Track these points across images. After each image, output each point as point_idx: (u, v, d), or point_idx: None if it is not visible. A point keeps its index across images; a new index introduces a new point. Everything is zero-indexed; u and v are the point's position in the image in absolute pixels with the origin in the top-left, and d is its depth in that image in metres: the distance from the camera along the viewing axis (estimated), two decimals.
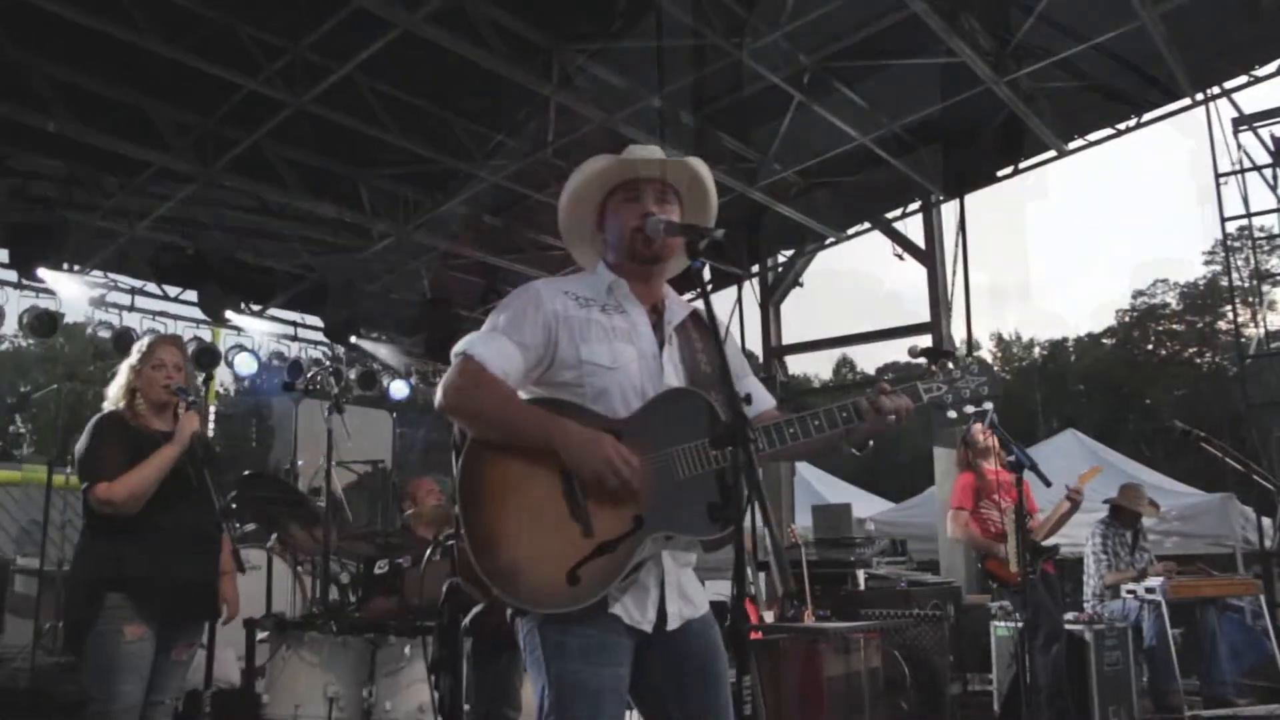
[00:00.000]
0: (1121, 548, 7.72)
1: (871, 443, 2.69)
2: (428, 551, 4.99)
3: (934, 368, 2.75)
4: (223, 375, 13.87)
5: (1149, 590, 7.34)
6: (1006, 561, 6.50)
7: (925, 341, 11.04)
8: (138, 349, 4.61)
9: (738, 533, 2.25)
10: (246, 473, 6.80)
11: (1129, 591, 7.47)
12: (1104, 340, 43.91)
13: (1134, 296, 41.49)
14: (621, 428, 2.54)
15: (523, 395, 2.66)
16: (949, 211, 11.24)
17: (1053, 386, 41.13)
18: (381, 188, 10.06)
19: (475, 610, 4.19)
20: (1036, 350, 48.27)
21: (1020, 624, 6.18)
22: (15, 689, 6.17)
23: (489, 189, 9.93)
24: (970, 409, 2.73)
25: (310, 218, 10.31)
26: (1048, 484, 5.65)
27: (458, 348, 2.61)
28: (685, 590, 2.65)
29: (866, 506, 15.58)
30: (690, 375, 2.72)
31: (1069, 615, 6.93)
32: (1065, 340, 47.17)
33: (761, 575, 7.02)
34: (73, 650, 4.36)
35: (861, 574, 8.56)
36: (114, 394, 4.49)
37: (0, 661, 6.43)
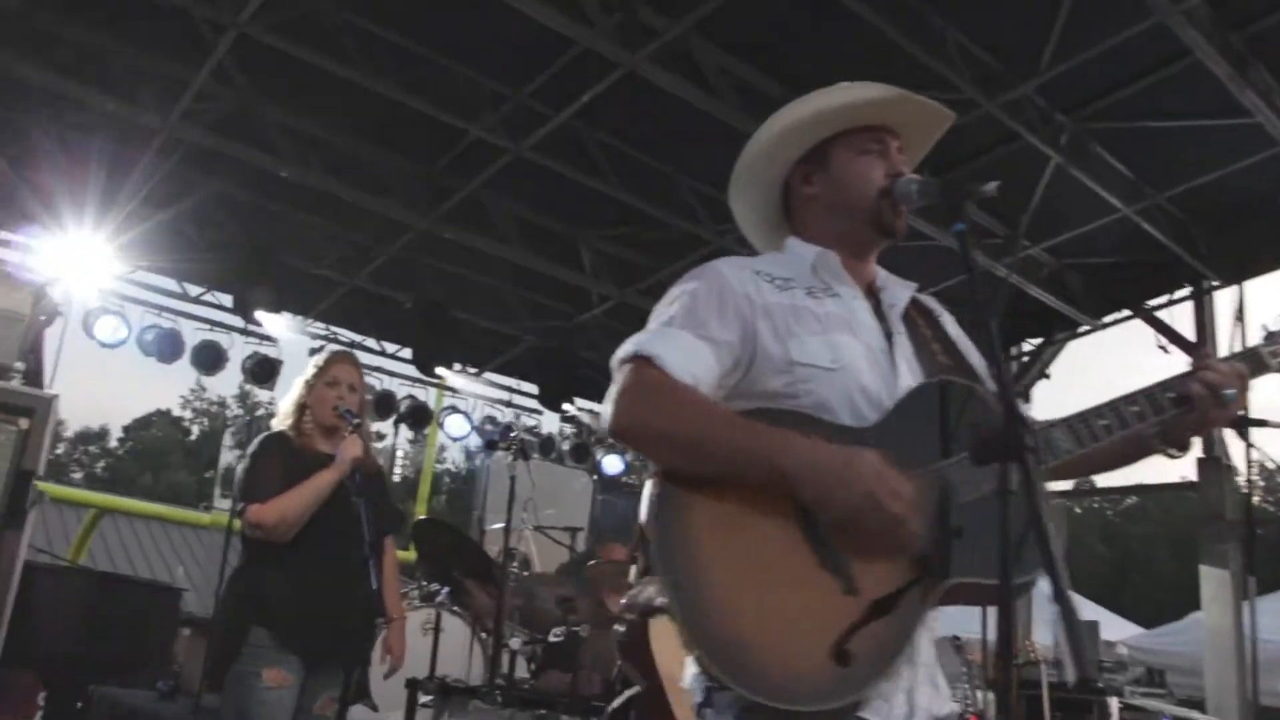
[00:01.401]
0: None
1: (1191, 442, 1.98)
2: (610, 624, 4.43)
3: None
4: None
5: None
6: None
7: (1189, 458, 9.85)
8: (313, 363, 4.33)
9: (1056, 578, 1.47)
10: (421, 517, 6.43)
11: None
12: None
13: None
14: (869, 439, 1.82)
15: None
16: (1224, 300, 10.01)
17: None
18: (602, 249, 9.73)
19: (629, 693, 3.46)
20: None
21: None
22: None
23: (716, 254, 9.45)
24: None
25: (529, 275, 10.06)
26: None
27: (623, 351, 1.93)
28: (935, 677, 1.92)
29: (1114, 629, 14.18)
30: (928, 374, 2.04)
31: None
32: None
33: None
34: (217, 689, 4.05)
35: (1114, 703, 7.49)
36: (284, 410, 4.21)
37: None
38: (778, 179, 2.23)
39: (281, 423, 4.16)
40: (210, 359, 9.87)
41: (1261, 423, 3.88)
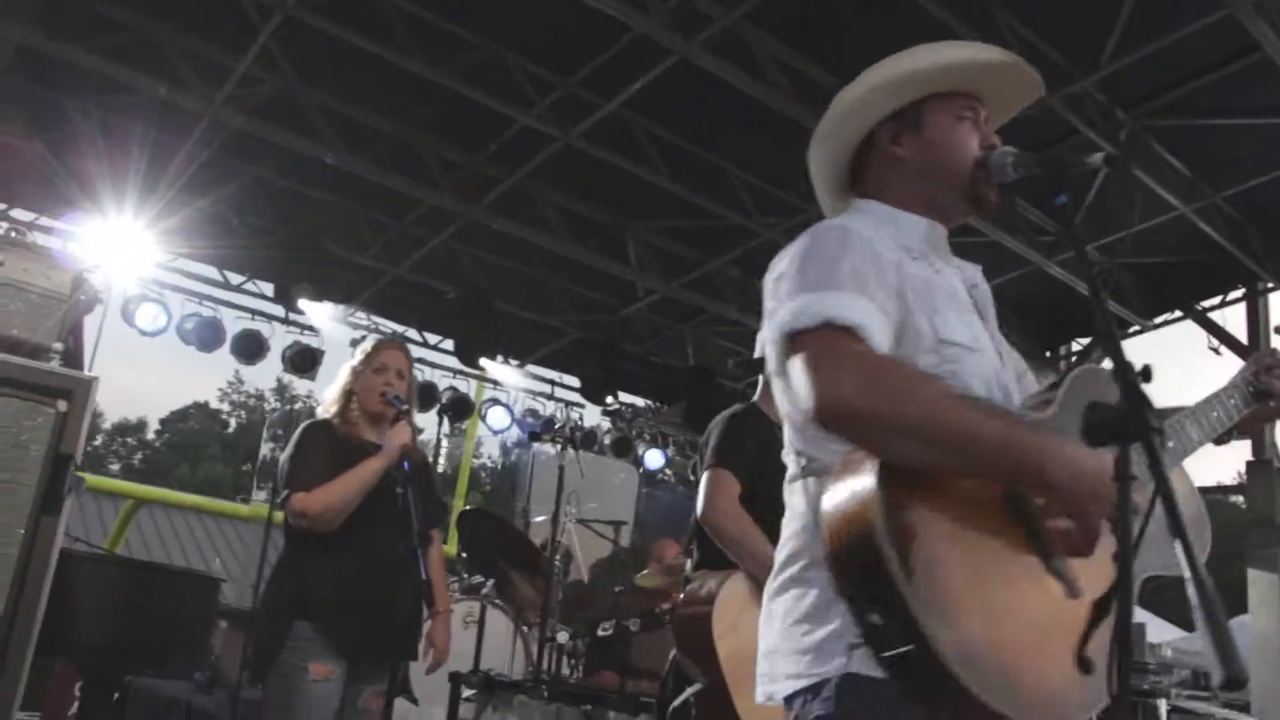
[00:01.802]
0: None
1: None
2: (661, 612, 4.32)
3: None
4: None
5: None
6: None
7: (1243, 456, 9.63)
8: (361, 350, 4.25)
9: (1196, 569, 1.34)
10: (467, 508, 6.32)
11: None
12: None
13: None
14: (1064, 433, 1.66)
15: None
16: (1279, 301, 9.77)
17: None
18: (650, 240, 9.60)
19: (691, 690, 3.34)
20: None
21: None
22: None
23: (764, 248, 9.32)
24: None
25: (574, 267, 9.96)
26: None
27: (803, 318, 1.68)
28: None
29: (1158, 631, 13.92)
30: (1012, 360, 1.96)
31: None
32: None
33: None
34: (260, 682, 3.95)
35: (1162, 706, 7.30)
36: (329, 398, 4.12)
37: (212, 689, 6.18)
38: (857, 135, 2.08)
39: (326, 411, 4.07)
40: (251, 348, 9.81)
41: None
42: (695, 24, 6.47)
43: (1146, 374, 1.53)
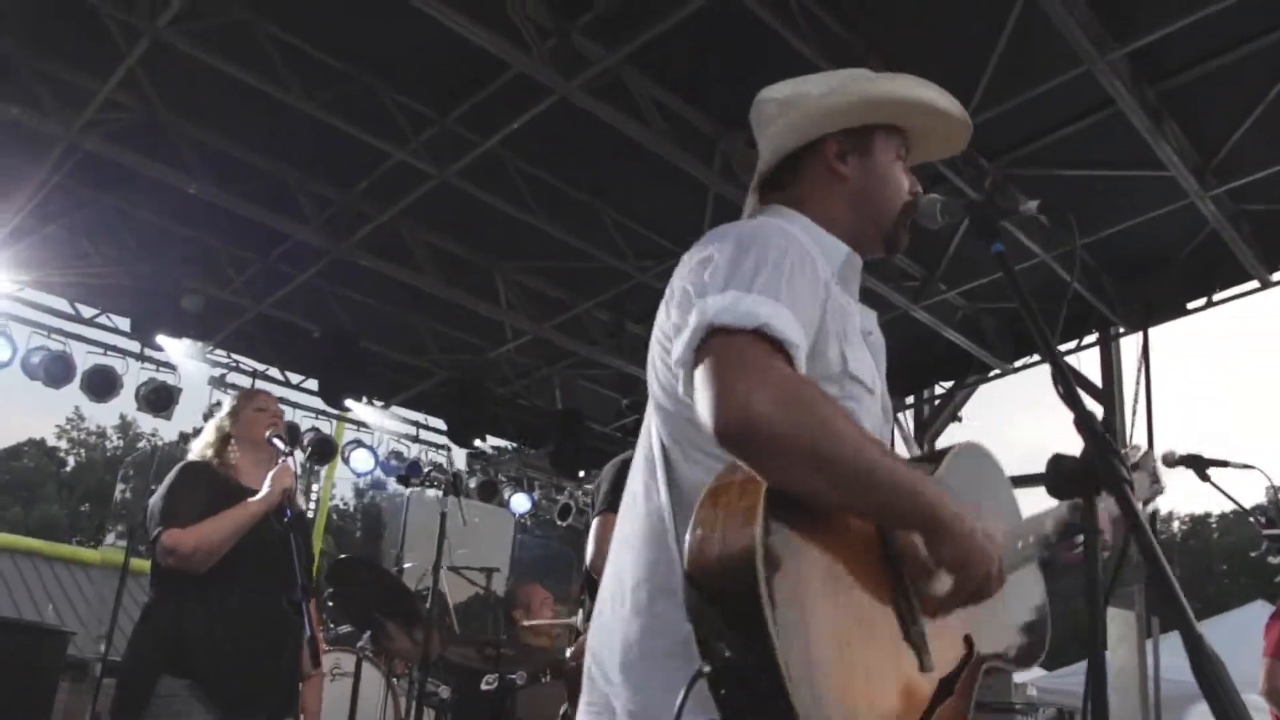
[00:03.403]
0: None
1: None
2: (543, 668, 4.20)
3: None
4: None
5: None
6: None
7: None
8: (234, 397, 4.06)
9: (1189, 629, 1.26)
10: (342, 556, 6.10)
11: None
12: None
13: None
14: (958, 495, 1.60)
15: None
16: (1129, 346, 10.17)
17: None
18: (520, 281, 9.48)
19: None
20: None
21: None
22: None
23: (636, 291, 9.30)
24: None
25: (442, 306, 9.77)
26: None
27: (724, 313, 1.53)
28: None
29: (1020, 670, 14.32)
30: (888, 414, 1.91)
31: None
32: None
33: None
34: None
35: None
36: (201, 444, 3.91)
37: None
38: (806, 137, 1.96)
39: (201, 454, 3.88)
40: (103, 384, 9.36)
41: (1222, 463, 3.85)
42: (575, 65, 6.43)
43: (1107, 426, 1.53)
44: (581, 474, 12.07)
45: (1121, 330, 10.06)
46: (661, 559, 1.65)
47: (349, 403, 10.58)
